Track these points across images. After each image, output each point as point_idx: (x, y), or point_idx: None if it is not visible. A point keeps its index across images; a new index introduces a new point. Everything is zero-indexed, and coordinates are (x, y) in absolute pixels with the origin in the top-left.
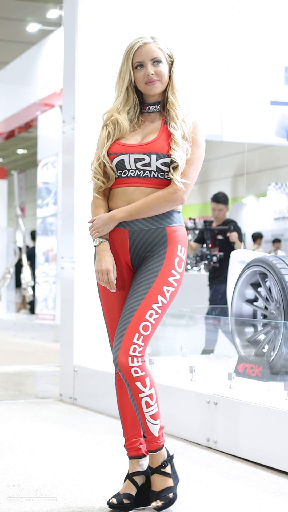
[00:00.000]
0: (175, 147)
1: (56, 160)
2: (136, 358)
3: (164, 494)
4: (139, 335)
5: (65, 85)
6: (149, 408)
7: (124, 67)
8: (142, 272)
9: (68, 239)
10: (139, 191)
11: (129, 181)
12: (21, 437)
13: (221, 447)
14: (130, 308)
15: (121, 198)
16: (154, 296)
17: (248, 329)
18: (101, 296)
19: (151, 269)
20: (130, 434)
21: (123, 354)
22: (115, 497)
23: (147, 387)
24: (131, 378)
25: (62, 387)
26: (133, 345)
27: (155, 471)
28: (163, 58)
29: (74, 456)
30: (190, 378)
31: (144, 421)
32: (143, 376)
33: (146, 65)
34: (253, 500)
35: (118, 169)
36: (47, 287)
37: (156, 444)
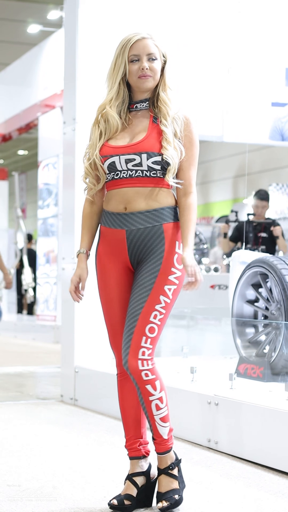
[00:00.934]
0: (167, 146)
1: (57, 161)
2: (146, 361)
3: (170, 495)
4: (146, 338)
5: (65, 86)
6: (159, 411)
7: (119, 60)
8: (142, 273)
9: (69, 240)
10: (133, 192)
11: (122, 182)
12: (22, 438)
13: (222, 447)
14: (134, 312)
15: (117, 200)
16: (156, 297)
17: (249, 330)
18: (101, 298)
19: (151, 269)
20: (131, 435)
21: (132, 358)
22: (116, 498)
23: (157, 390)
24: (142, 382)
25: (63, 388)
26: (141, 349)
27: (162, 472)
28: (158, 55)
29: (75, 457)
30: (191, 379)
31: (154, 423)
32: (154, 379)
33: (142, 59)
34: (254, 500)
35: (110, 171)
36: (48, 288)
37: (165, 446)
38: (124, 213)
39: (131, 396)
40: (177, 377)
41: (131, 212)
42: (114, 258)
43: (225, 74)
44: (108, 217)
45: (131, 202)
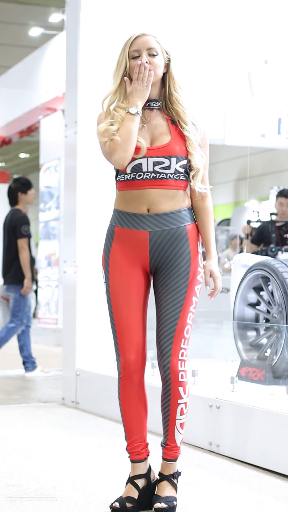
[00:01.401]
0: (193, 152)
1: (59, 164)
2: (184, 363)
3: (170, 500)
4: (185, 340)
5: (67, 89)
6: (182, 416)
7: (121, 57)
8: (173, 276)
9: (71, 243)
10: (157, 193)
11: (145, 183)
12: (24, 440)
13: (223, 451)
14: (173, 316)
15: (139, 201)
16: (190, 299)
17: (251, 333)
18: (116, 300)
19: (181, 272)
20: (134, 438)
21: (174, 358)
22: (118, 501)
23: (186, 394)
24: (177, 383)
25: (64, 391)
26: (181, 350)
27: (165, 478)
28: (159, 51)
29: (76, 459)
30: (193, 382)
31: (173, 428)
32: (186, 383)
33: (142, 54)
34: (255, 504)
35: (132, 171)
36: (49, 291)
37: (175, 454)
38: (148, 214)
39: (135, 399)
40: None
41: (155, 214)
42: (133, 260)
43: (227, 77)
44: (127, 217)
45: (155, 203)
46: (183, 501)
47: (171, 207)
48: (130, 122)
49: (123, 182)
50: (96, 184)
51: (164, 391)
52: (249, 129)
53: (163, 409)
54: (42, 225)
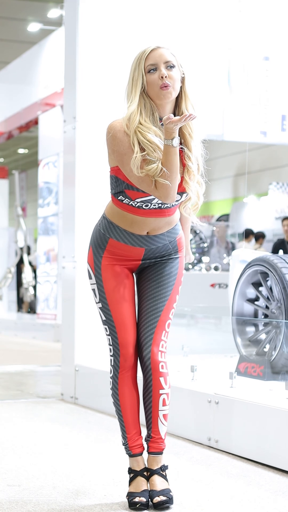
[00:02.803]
0: (190, 182)
1: (57, 160)
2: (163, 354)
3: (166, 492)
4: (165, 332)
5: (66, 84)
6: (164, 407)
7: (136, 72)
8: (161, 273)
9: (69, 238)
10: (159, 221)
11: (149, 213)
12: (22, 436)
13: (222, 446)
14: (156, 309)
15: (141, 226)
16: (174, 296)
17: (249, 329)
18: (112, 297)
19: (170, 273)
20: (133, 432)
21: (155, 348)
22: (140, 495)
23: (167, 385)
24: (157, 373)
25: (63, 386)
26: (161, 341)
27: (155, 472)
28: (176, 64)
29: (75, 455)
30: (191, 377)
31: (156, 419)
32: (166, 374)
33: (160, 68)
34: (254, 499)
35: (141, 202)
36: (48, 287)
37: (160, 446)
38: (147, 235)
39: (132, 392)
40: (178, 375)
41: (154, 235)
42: (123, 263)
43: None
44: (125, 235)
45: (155, 229)
46: (182, 497)
47: (168, 227)
48: (175, 157)
49: (125, 205)
50: (95, 179)
51: (146, 382)
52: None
53: (145, 401)
54: (41, 220)
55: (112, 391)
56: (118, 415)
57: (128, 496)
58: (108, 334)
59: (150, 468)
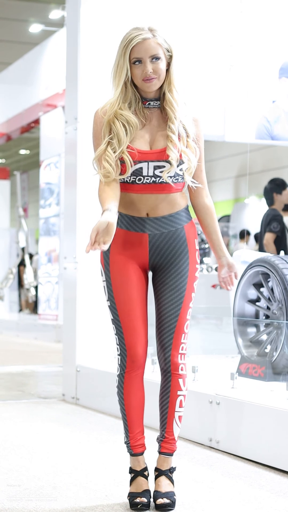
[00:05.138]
0: (173, 149)
1: (59, 161)
2: (184, 356)
3: (170, 495)
4: (184, 334)
5: (67, 85)
6: (180, 409)
7: (121, 61)
8: (172, 275)
9: (71, 239)
10: (156, 198)
11: (145, 188)
12: (24, 437)
13: (223, 447)
14: (173, 313)
15: (139, 205)
16: (189, 295)
17: (251, 329)
18: (119, 296)
19: (181, 271)
20: (137, 431)
21: (175, 351)
22: (142, 495)
23: (185, 387)
24: (177, 375)
25: (64, 387)
26: (181, 344)
27: (163, 473)
28: (161, 54)
29: (76, 455)
30: (193, 378)
31: (171, 420)
32: (185, 375)
33: (145, 62)
34: (255, 499)
35: (133, 175)
36: (49, 288)
37: (172, 447)
38: (147, 217)
39: (138, 392)
40: None
41: (154, 217)
42: (132, 258)
43: (227, 74)
44: (126, 220)
45: (154, 208)
46: (183, 497)
47: (169, 210)
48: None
49: (122, 184)
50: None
51: (164, 383)
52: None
53: (161, 401)
54: (42, 221)
55: (117, 389)
56: (122, 414)
57: (129, 497)
58: (115, 333)
59: (159, 468)
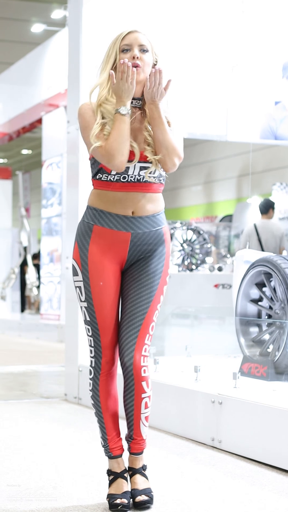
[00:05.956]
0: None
1: (61, 161)
2: (146, 358)
3: (148, 491)
4: (149, 336)
5: (69, 85)
6: (146, 410)
7: (111, 50)
8: (145, 273)
9: (73, 239)
10: (141, 196)
11: (129, 186)
12: (26, 436)
13: (226, 446)
14: (140, 310)
15: (124, 203)
16: (158, 297)
17: (253, 329)
18: (96, 298)
19: (154, 271)
20: (113, 434)
21: (138, 353)
22: (122, 497)
23: (149, 388)
24: (140, 378)
25: (67, 387)
26: (144, 345)
27: (137, 471)
28: (149, 49)
29: (78, 455)
30: (195, 378)
31: (138, 422)
32: (148, 377)
33: (133, 49)
34: (258, 499)
35: (117, 173)
36: (51, 287)
37: (141, 447)
38: (132, 216)
39: (112, 394)
40: (181, 376)
41: (138, 216)
42: (111, 259)
43: (229, 74)
44: (108, 217)
45: (140, 207)
46: (186, 497)
47: (153, 210)
48: (122, 124)
49: (104, 182)
50: None
51: (127, 386)
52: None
53: (126, 404)
54: (44, 221)
55: (92, 393)
56: (98, 417)
57: (109, 498)
58: (90, 335)
59: (132, 467)
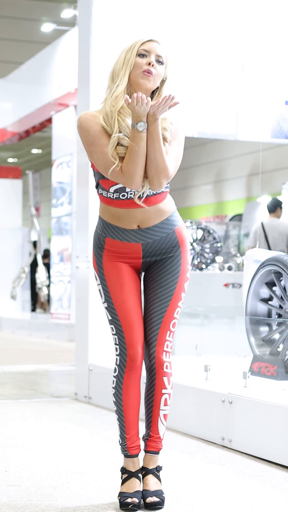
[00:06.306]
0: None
1: (71, 160)
2: (168, 354)
3: (159, 493)
4: (170, 332)
5: (79, 85)
6: (166, 407)
7: (129, 54)
8: (163, 274)
9: (83, 238)
10: (144, 211)
11: (130, 203)
12: (36, 436)
13: (236, 446)
14: (160, 309)
15: (128, 220)
16: (179, 294)
17: (263, 328)
18: (116, 296)
19: (172, 270)
20: (133, 433)
21: (160, 348)
22: (133, 496)
23: (170, 385)
24: (162, 373)
25: (77, 386)
26: (166, 341)
27: (150, 472)
28: (164, 63)
29: (88, 455)
30: (205, 377)
31: (157, 419)
32: (170, 374)
33: (150, 56)
34: (268, 498)
35: (116, 192)
36: (62, 287)
37: (158, 446)
38: (139, 229)
39: (135, 393)
40: (191, 375)
41: (145, 228)
42: (125, 262)
43: (239, 73)
44: (119, 231)
45: (144, 220)
46: (196, 496)
47: (159, 219)
48: (140, 142)
49: (105, 198)
50: None
51: (149, 381)
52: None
53: (147, 400)
54: (54, 220)
55: (114, 390)
56: (119, 415)
57: (120, 496)
58: (114, 333)
59: (145, 467)
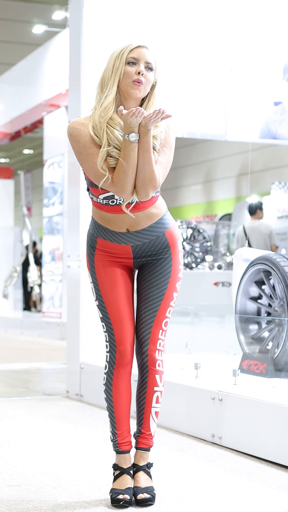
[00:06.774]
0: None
1: (62, 160)
2: (161, 352)
3: (150, 490)
4: (162, 331)
5: (70, 85)
6: (157, 404)
7: (117, 62)
8: (155, 274)
9: (74, 237)
10: (135, 216)
11: (119, 209)
12: (28, 433)
13: (226, 443)
14: (152, 308)
15: (117, 224)
16: (171, 294)
17: (252, 326)
18: (108, 295)
19: (164, 270)
20: (124, 429)
21: (152, 346)
22: (125, 492)
23: (162, 383)
24: (154, 371)
25: (68, 384)
26: (159, 340)
27: (141, 469)
28: (154, 69)
29: (80, 452)
30: (195, 375)
31: (148, 416)
32: (162, 372)
33: (139, 64)
34: (258, 495)
35: (105, 198)
36: (53, 286)
37: (149, 443)
38: (128, 232)
39: (125, 389)
40: (182, 373)
41: (135, 231)
42: (117, 262)
43: (228, 74)
44: (109, 233)
45: (133, 225)
46: (186, 493)
47: (149, 223)
48: (132, 152)
49: (95, 202)
50: None
51: (141, 378)
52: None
53: (138, 397)
54: (46, 220)
55: (105, 387)
56: (110, 411)
57: (112, 493)
58: (105, 331)
59: (136, 464)
